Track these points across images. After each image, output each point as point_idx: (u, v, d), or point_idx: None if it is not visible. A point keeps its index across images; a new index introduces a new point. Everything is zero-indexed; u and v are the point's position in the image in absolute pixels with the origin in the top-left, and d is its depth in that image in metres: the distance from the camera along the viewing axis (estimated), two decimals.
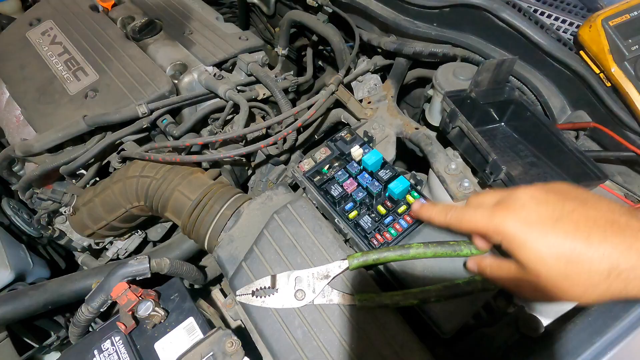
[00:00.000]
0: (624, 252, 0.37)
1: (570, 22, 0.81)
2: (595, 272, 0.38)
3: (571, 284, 0.39)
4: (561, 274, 0.39)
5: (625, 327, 0.49)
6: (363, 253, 0.58)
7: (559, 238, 0.39)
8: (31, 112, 0.91)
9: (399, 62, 1.04)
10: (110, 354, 0.60)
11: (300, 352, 0.56)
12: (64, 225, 0.90)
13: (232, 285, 0.64)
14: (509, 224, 0.41)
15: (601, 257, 0.37)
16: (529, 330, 0.57)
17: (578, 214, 0.40)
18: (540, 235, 0.40)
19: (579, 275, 0.38)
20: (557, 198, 0.42)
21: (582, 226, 0.39)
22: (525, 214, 0.41)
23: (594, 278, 0.38)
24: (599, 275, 0.38)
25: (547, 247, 0.39)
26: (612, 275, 0.37)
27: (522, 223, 0.41)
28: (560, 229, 0.39)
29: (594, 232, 0.38)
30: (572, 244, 0.38)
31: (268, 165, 1.04)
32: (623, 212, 0.39)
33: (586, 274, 0.38)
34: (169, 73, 0.96)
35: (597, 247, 0.38)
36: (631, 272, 0.37)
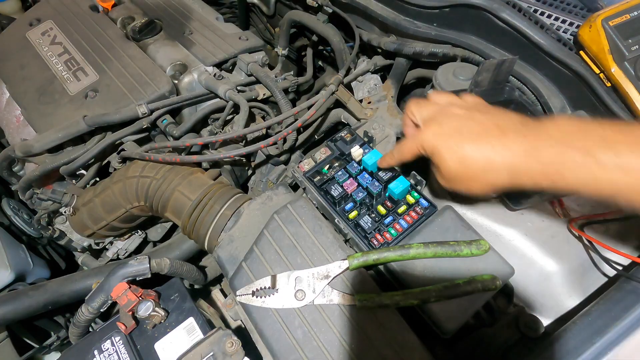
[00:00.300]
0: (499, 150, 0.46)
1: (570, 22, 0.81)
2: (476, 168, 0.48)
3: (462, 178, 0.50)
4: (456, 171, 0.50)
5: (626, 327, 0.49)
6: (363, 253, 0.58)
7: (458, 146, 0.49)
8: (31, 112, 0.91)
9: (399, 62, 1.04)
10: (110, 354, 0.60)
11: (300, 352, 0.56)
12: (64, 225, 0.90)
13: (232, 285, 0.64)
14: (427, 141, 0.53)
15: (481, 155, 0.47)
16: (529, 330, 0.57)
17: (479, 126, 0.50)
18: (446, 145, 0.50)
19: (467, 170, 0.49)
20: (469, 114, 0.52)
21: (476, 135, 0.49)
22: (439, 130, 0.52)
23: (476, 172, 0.48)
24: (479, 170, 0.48)
25: (448, 154, 0.50)
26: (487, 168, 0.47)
27: (435, 137, 0.52)
28: (460, 139, 0.50)
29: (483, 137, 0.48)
30: (464, 147, 0.49)
31: (268, 166, 1.04)
32: (514, 121, 0.49)
33: (470, 169, 0.49)
34: (169, 73, 0.96)
35: (481, 148, 0.48)
36: (500, 165, 0.46)
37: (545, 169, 0.44)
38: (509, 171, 0.46)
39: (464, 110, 0.53)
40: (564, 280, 0.63)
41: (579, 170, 0.41)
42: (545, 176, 0.44)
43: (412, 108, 0.59)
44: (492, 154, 0.47)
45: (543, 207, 0.68)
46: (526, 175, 0.45)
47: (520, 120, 0.49)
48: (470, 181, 0.50)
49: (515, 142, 0.46)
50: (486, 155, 0.47)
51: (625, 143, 0.39)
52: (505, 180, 0.47)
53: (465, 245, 0.57)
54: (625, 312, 0.50)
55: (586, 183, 0.41)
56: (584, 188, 0.42)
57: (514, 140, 0.46)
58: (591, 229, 0.66)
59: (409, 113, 0.59)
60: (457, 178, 0.51)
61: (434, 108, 0.56)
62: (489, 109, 0.54)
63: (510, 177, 0.47)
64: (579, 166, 0.41)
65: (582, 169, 0.41)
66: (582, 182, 0.42)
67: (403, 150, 0.58)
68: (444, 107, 0.56)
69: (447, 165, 0.50)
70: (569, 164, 0.42)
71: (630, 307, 0.50)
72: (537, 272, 0.64)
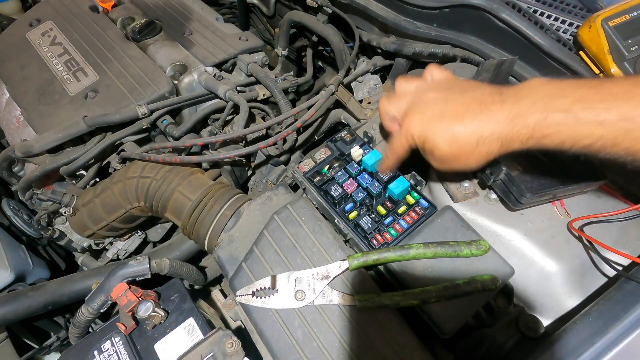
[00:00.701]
0: (486, 122, 0.49)
1: (569, 22, 0.81)
2: (469, 144, 0.51)
3: (457, 156, 0.53)
4: (450, 152, 0.52)
5: (626, 327, 0.49)
6: (363, 253, 0.58)
7: (444, 128, 0.52)
8: (31, 112, 0.91)
9: (398, 62, 1.04)
10: (110, 354, 0.60)
11: (300, 352, 0.56)
12: (64, 226, 0.90)
13: (232, 285, 0.64)
14: (413, 129, 0.55)
15: (470, 132, 0.50)
16: (529, 331, 0.57)
17: (457, 104, 0.52)
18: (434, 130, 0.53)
19: (460, 148, 0.51)
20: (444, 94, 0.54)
21: (459, 113, 0.51)
22: (421, 117, 0.54)
23: (469, 148, 0.51)
24: (471, 145, 0.50)
25: (439, 137, 0.52)
26: (479, 142, 0.50)
27: (420, 124, 0.54)
28: (444, 121, 0.52)
29: (466, 115, 0.51)
30: (452, 129, 0.51)
31: (268, 166, 1.04)
32: (491, 92, 0.51)
33: (464, 146, 0.51)
34: (168, 74, 0.96)
35: (468, 125, 0.50)
36: (490, 136, 0.49)
37: (532, 133, 0.47)
38: (499, 139, 0.49)
39: (436, 92, 0.55)
40: (564, 280, 0.62)
41: (563, 130, 0.45)
42: (533, 139, 0.47)
43: (384, 105, 0.61)
44: (479, 128, 0.49)
45: (543, 207, 0.68)
46: (516, 140, 0.48)
47: (495, 90, 0.51)
48: (465, 157, 0.52)
49: (498, 112, 0.49)
50: (474, 129, 0.50)
51: (599, 100, 0.44)
52: (497, 148, 0.50)
53: (465, 246, 0.57)
54: (625, 312, 0.50)
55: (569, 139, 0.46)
56: (567, 144, 0.46)
57: (497, 110, 0.49)
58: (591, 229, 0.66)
59: (383, 111, 0.61)
60: (453, 158, 0.53)
61: (407, 98, 0.58)
62: (460, 85, 0.56)
63: (502, 144, 0.49)
64: (563, 126, 0.45)
65: (566, 128, 0.45)
66: (565, 139, 0.46)
67: (395, 149, 0.60)
68: (416, 95, 0.57)
69: (440, 148, 0.52)
70: (553, 126, 0.45)
71: (630, 307, 0.50)
72: (537, 272, 0.64)
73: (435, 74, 0.61)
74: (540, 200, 0.66)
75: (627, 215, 0.66)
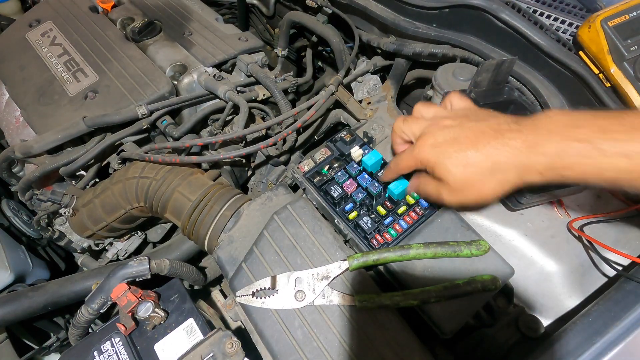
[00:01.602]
0: (501, 149, 0.47)
1: (569, 22, 0.81)
2: (484, 169, 0.48)
3: (471, 184, 0.50)
4: (462, 177, 0.50)
5: (626, 328, 0.49)
6: (363, 254, 0.58)
7: (457, 152, 0.50)
8: (31, 113, 0.91)
9: (398, 62, 1.04)
10: (110, 355, 0.60)
11: (300, 352, 0.56)
12: (64, 226, 0.90)
13: (232, 286, 0.64)
14: (425, 154, 0.53)
15: (485, 157, 0.48)
16: (529, 331, 0.57)
17: (473, 131, 0.50)
18: (445, 155, 0.51)
19: (473, 174, 0.49)
20: (460, 122, 0.53)
21: (474, 140, 0.49)
22: (434, 141, 0.52)
23: (484, 174, 0.48)
24: (487, 171, 0.48)
25: (449, 161, 0.50)
26: (494, 169, 0.48)
27: (432, 149, 0.52)
28: (458, 146, 0.50)
29: (481, 141, 0.49)
30: (465, 154, 0.49)
31: (268, 166, 1.04)
32: (507, 121, 0.50)
33: (478, 172, 0.49)
34: (168, 74, 0.96)
35: (483, 151, 0.48)
36: (506, 164, 0.47)
37: (552, 163, 0.45)
38: (515, 167, 0.47)
39: (453, 120, 0.54)
40: (564, 280, 0.63)
41: (584, 160, 0.43)
42: (553, 170, 0.45)
43: (400, 126, 0.59)
44: (493, 153, 0.48)
45: (543, 207, 0.68)
46: (534, 170, 0.46)
47: (512, 120, 0.50)
48: (479, 186, 0.50)
49: (514, 139, 0.47)
50: (488, 154, 0.48)
51: (622, 131, 0.42)
52: (514, 178, 0.48)
53: (465, 246, 0.57)
54: (625, 312, 0.50)
55: (592, 172, 0.43)
56: (590, 177, 0.44)
57: (513, 138, 0.47)
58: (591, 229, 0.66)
59: (397, 131, 0.60)
60: (466, 185, 0.50)
61: (423, 122, 0.56)
62: (477, 114, 0.54)
63: (519, 174, 0.47)
64: (583, 156, 0.43)
65: (587, 159, 0.43)
66: (588, 171, 0.43)
67: (400, 166, 0.59)
68: (433, 121, 0.56)
69: (453, 174, 0.50)
70: (574, 156, 0.43)
71: (630, 307, 0.50)
72: (537, 272, 0.64)
73: (454, 102, 0.60)
74: (540, 200, 0.66)
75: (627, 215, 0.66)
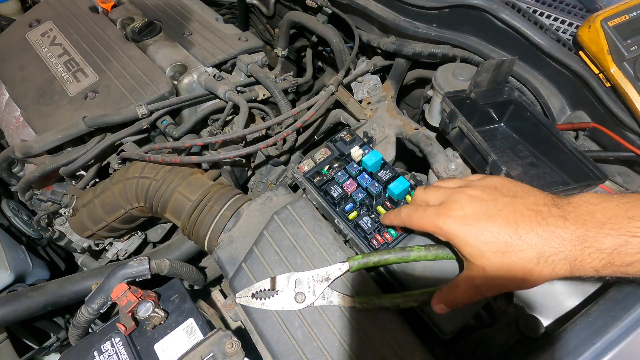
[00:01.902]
0: (547, 239, 0.42)
1: (569, 22, 0.81)
2: (527, 260, 0.42)
3: (510, 272, 0.44)
4: (500, 265, 0.44)
5: (626, 328, 0.49)
6: (364, 255, 0.58)
7: (493, 234, 0.44)
8: (31, 113, 0.91)
9: (398, 62, 1.04)
10: (110, 355, 0.60)
11: (300, 353, 0.56)
12: (64, 226, 0.90)
13: (232, 286, 0.64)
14: (450, 226, 0.47)
15: (529, 246, 0.42)
16: (529, 331, 0.57)
17: (508, 209, 0.45)
18: (478, 234, 0.45)
19: (515, 264, 0.43)
20: (492, 196, 0.47)
21: (511, 221, 0.44)
22: (462, 213, 0.46)
23: (527, 265, 0.43)
24: (530, 262, 0.42)
25: (484, 244, 0.44)
26: (540, 260, 0.42)
27: (461, 223, 0.46)
28: (493, 225, 0.44)
29: (521, 224, 0.43)
30: (504, 238, 0.43)
31: (268, 166, 1.04)
32: (546, 202, 0.45)
33: (520, 262, 0.43)
34: (168, 74, 0.96)
35: (525, 238, 0.42)
36: (555, 256, 0.42)
37: (611, 259, 0.41)
38: (566, 261, 0.42)
39: (482, 191, 0.48)
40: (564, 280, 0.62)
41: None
42: (612, 266, 0.41)
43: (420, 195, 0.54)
44: (541, 244, 0.42)
45: None
46: (588, 266, 0.41)
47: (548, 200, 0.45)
48: (521, 275, 0.43)
49: (561, 228, 0.42)
50: (534, 245, 0.42)
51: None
52: (565, 271, 0.42)
53: None
54: (625, 312, 0.50)
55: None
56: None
57: (559, 225, 0.42)
58: None
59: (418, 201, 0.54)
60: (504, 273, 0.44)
61: (446, 191, 0.51)
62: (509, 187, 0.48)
63: (571, 269, 0.42)
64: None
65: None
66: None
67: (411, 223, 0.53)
68: (457, 189, 0.50)
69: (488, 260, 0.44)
70: (636, 254, 0.40)
71: (630, 307, 0.50)
72: None
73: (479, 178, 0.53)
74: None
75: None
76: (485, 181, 0.51)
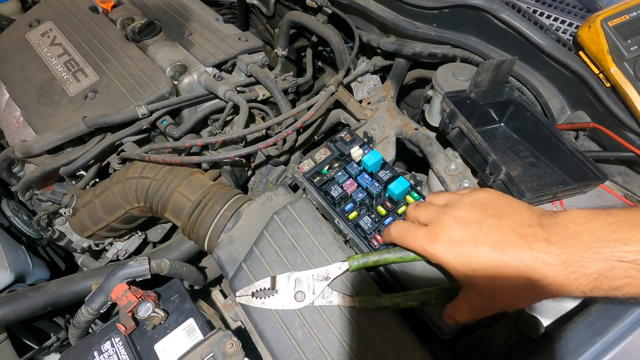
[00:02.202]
0: (532, 265, 0.42)
1: (569, 22, 0.81)
2: (516, 286, 0.43)
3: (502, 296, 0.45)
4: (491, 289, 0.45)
5: (626, 328, 0.49)
6: (363, 255, 0.58)
7: (479, 261, 0.45)
8: (31, 113, 0.91)
9: (398, 62, 1.04)
10: (110, 355, 0.60)
11: (300, 353, 0.56)
12: (64, 226, 0.90)
13: (232, 286, 0.64)
14: (440, 252, 0.48)
15: (515, 272, 0.43)
16: (529, 331, 0.57)
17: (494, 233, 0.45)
18: (465, 260, 0.46)
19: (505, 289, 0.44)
20: (478, 217, 0.47)
21: (496, 247, 0.44)
22: (448, 238, 0.47)
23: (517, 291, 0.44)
24: (519, 288, 0.43)
25: (472, 271, 0.45)
26: (527, 286, 0.43)
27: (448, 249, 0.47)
28: (479, 252, 0.45)
29: (506, 250, 0.44)
30: (490, 265, 0.44)
31: (268, 166, 1.04)
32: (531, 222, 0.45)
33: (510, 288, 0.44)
34: (168, 74, 0.96)
35: (511, 265, 0.43)
36: (542, 281, 0.42)
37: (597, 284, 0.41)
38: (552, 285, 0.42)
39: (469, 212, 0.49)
40: None
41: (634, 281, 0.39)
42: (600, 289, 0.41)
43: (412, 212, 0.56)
44: (526, 271, 0.42)
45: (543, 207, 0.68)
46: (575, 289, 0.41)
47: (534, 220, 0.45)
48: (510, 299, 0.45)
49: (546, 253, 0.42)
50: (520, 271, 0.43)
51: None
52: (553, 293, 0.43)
53: None
54: (625, 312, 0.50)
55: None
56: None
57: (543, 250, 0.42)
58: None
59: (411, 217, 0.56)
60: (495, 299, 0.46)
61: (435, 209, 0.52)
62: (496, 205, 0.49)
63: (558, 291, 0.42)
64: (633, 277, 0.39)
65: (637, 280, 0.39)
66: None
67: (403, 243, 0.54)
68: (444, 210, 0.51)
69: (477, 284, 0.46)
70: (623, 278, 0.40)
71: (630, 307, 0.50)
72: None
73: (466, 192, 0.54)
74: (540, 200, 0.66)
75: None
76: (473, 197, 0.51)
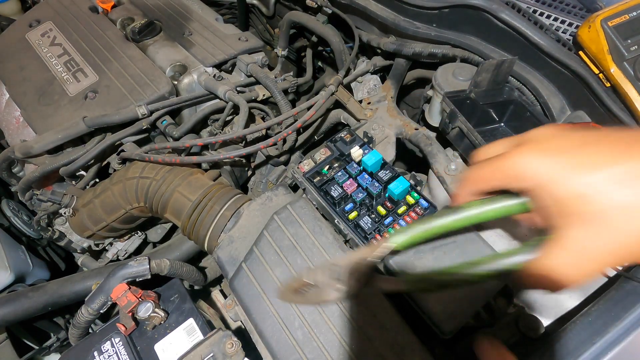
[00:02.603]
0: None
1: (569, 22, 0.81)
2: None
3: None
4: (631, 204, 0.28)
5: (626, 328, 0.49)
6: (404, 229, 0.43)
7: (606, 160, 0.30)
8: (31, 113, 0.91)
9: (398, 62, 1.04)
10: (110, 355, 0.60)
11: (300, 352, 0.56)
12: (64, 226, 0.90)
13: (232, 286, 0.64)
14: (533, 161, 0.32)
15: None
16: (529, 331, 0.57)
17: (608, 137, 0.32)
18: (576, 166, 0.30)
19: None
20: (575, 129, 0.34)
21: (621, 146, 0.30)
22: (546, 144, 0.33)
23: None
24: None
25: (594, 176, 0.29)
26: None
27: (543, 156, 0.32)
28: (593, 152, 0.30)
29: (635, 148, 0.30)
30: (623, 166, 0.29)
31: (268, 166, 1.04)
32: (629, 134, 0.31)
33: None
34: (168, 74, 0.96)
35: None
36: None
37: None
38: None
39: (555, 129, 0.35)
40: None
41: None
42: None
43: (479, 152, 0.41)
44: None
45: None
46: None
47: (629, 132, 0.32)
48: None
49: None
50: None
51: None
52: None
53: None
54: (625, 312, 0.50)
55: None
56: None
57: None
58: None
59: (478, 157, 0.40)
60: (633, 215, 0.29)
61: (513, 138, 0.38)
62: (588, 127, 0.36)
63: None
64: None
65: None
66: None
67: (477, 179, 0.38)
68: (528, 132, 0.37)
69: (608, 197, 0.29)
70: None
71: (630, 307, 0.50)
72: None
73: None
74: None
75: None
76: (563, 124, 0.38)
